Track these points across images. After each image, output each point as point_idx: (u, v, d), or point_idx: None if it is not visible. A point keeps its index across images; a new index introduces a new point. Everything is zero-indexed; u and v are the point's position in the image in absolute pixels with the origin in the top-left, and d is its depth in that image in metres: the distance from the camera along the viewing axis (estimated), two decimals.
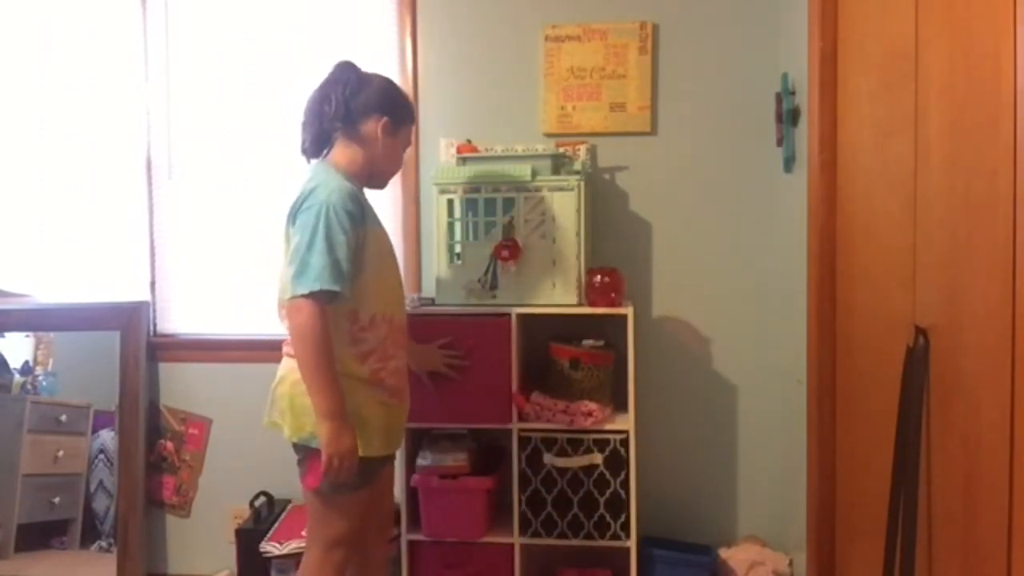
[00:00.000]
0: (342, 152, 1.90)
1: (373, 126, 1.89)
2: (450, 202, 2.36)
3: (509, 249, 2.30)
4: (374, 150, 1.90)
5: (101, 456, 2.75)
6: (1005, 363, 1.26)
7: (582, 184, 2.32)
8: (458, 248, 2.37)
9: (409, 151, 2.67)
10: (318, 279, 1.69)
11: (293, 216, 1.79)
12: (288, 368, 1.85)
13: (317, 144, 1.92)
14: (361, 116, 1.88)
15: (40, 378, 2.81)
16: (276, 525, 2.56)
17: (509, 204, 2.34)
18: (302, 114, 1.93)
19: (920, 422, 1.55)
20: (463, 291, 2.36)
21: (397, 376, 1.91)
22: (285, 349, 1.89)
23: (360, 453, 1.76)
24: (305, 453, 1.84)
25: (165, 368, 2.85)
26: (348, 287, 1.74)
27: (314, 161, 1.93)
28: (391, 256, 1.94)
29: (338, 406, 1.72)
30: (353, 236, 1.75)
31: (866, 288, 1.93)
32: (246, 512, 2.68)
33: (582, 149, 2.58)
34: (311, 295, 1.69)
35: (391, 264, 1.94)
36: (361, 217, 1.79)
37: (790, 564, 2.50)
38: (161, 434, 2.85)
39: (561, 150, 2.51)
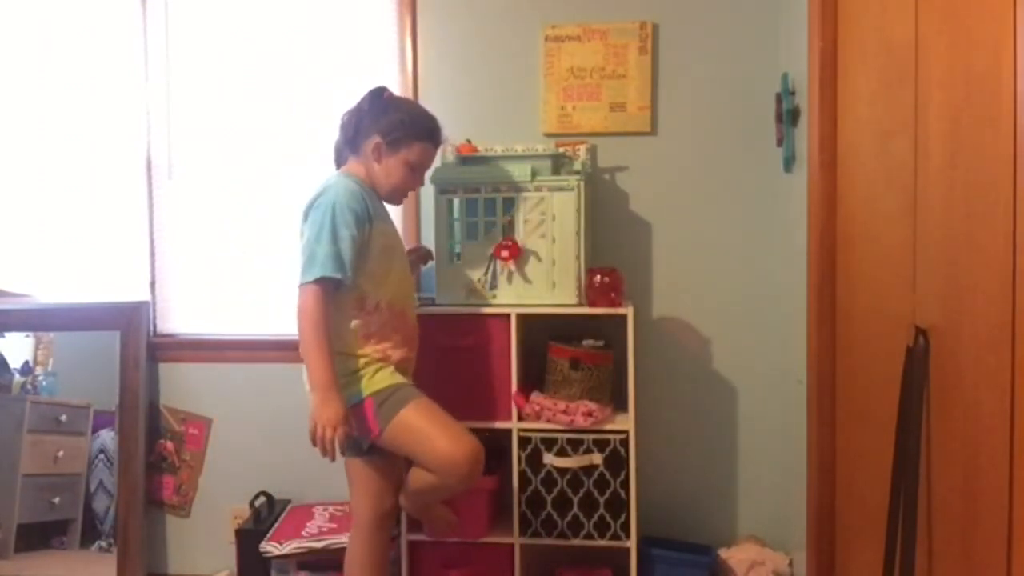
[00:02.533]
0: (352, 166, 2.10)
1: (367, 146, 2.05)
2: (450, 202, 2.36)
3: (509, 249, 2.30)
4: (372, 168, 2.07)
5: (101, 456, 2.75)
6: (1005, 363, 1.26)
7: (582, 184, 2.32)
8: (458, 248, 2.37)
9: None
10: (322, 267, 1.87)
11: (305, 215, 1.97)
12: None
13: (337, 157, 2.15)
14: (363, 137, 2.06)
15: (40, 378, 2.81)
16: (276, 525, 2.56)
17: (509, 204, 2.34)
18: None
19: (920, 422, 1.55)
20: (463, 291, 2.36)
21: (403, 362, 2.05)
22: None
23: (369, 392, 1.95)
24: (352, 413, 1.99)
25: (165, 368, 2.85)
26: (350, 276, 1.91)
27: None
28: (399, 252, 2.12)
29: (328, 379, 1.87)
30: (357, 231, 1.92)
31: (866, 288, 1.93)
32: (246, 512, 2.68)
33: (582, 149, 2.58)
34: (316, 282, 1.88)
35: (400, 259, 2.11)
36: (366, 215, 1.96)
37: (790, 564, 2.50)
38: (161, 434, 2.85)
39: (561, 150, 2.51)
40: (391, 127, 2.04)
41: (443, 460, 1.92)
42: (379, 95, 2.09)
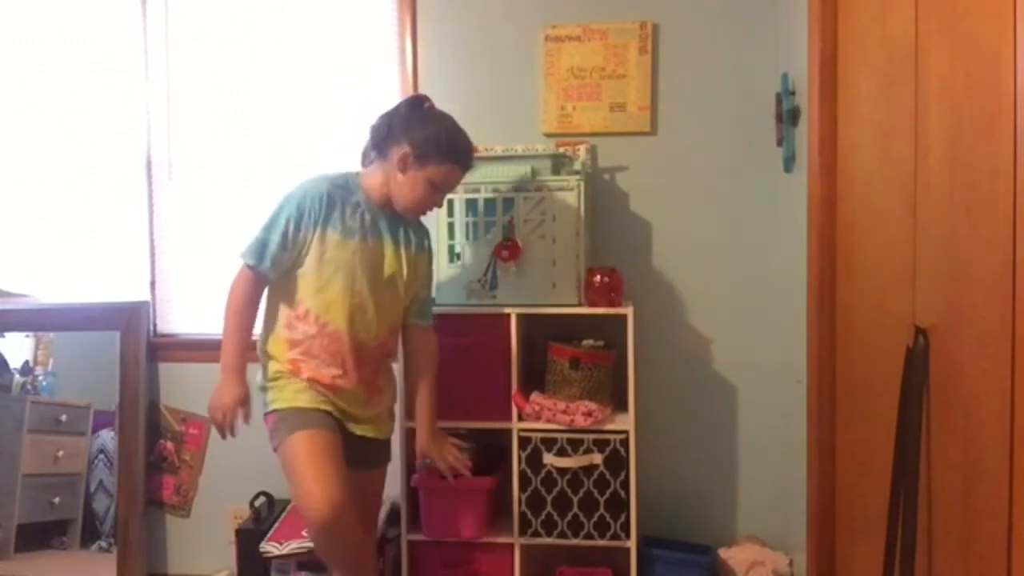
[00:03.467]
0: (373, 169, 2.04)
1: (395, 153, 1.97)
2: (450, 202, 2.36)
3: (509, 249, 2.30)
4: (393, 176, 1.99)
5: (101, 456, 2.75)
6: (1005, 363, 1.25)
7: (582, 184, 2.32)
8: (458, 248, 2.37)
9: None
10: (248, 252, 1.94)
11: None
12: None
13: (364, 158, 2.09)
14: (393, 143, 1.98)
15: (40, 378, 2.81)
16: (276, 525, 2.56)
17: (509, 204, 2.34)
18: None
19: (920, 422, 1.55)
20: (463, 291, 2.36)
21: (321, 378, 1.97)
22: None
23: (272, 407, 1.96)
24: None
25: (165, 368, 2.85)
26: (269, 268, 1.94)
27: None
28: (350, 268, 1.95)
29: (228, 360, 1.96)
30: (294, 228, 1.92)
31: (866, 288, 1.93)
32: (246, 512, 2.68)
33: (582, 149, 2.58)
34: (241, 260, 1.96)
35: (345, 275, 1.95)
36: (314, 217, 1.93)
37: (790, 564, 2.50)
38: (161, 434, 2.85)
39: (561, 150, 2.51)
40: (424, 141, 1.96)
41: (303, 502, 1.87)
42: (419, 104, 2.03)
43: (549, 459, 2.30)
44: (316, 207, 1.92)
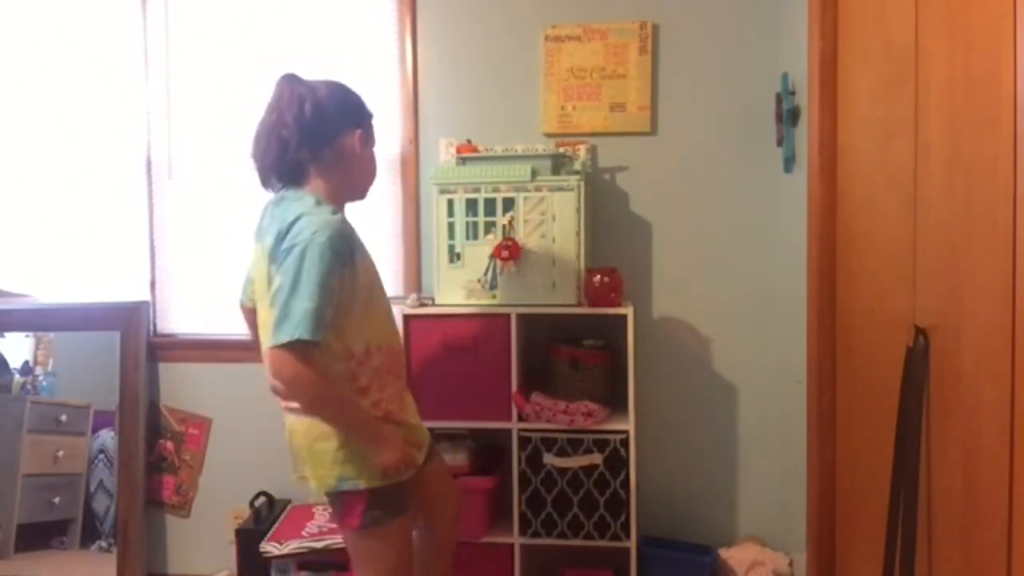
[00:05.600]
0: (319, 177, 1.74)
1: (349, 142, 1.75)
2: (450, 202, 2.36)
3: (509, 249, 2.30)
4: (353, 166, 1.78)
5: (101, 456, 2.75)
6: (1005, 363, 1.26)
7: (582, 184, 2.32)
8: (458, 248, 2.37)
9: (409, 151, 2.70)
10: (299, 327, 1.57)
11: (275, 255, 1.65)
12: (293, 420, 1.77)
13: (288, 174, 1.74)
14: (334, 135, 1.73)
15: (40, 378, 2.81)
16: (276, 525, 2.56)
17: (509, 204, 2.34)
18: (254, 143, 1.75)
19: (920, 422, 1.55)
20: (463, 291, 2.37)
21: (395, 401, 1.82)
22: (283, 404, 1.77)
23: (363, 485, 1.71)
24: (336, 499, 1.76)
25: (165, 368, 2.85)
26: (329, 334, 1.64)
27: (285, 189, 1.76)
28: (379, 283, 1.83)
29: (370, 427, 1.71)
30: (339, 278, 1.63)
31: (866, 288, 1.93)
32: (246, 512, 2.68)
33: (582, 149, 2.58)
34: (291, 344, 1.57)
35: (380, 292, 1.82)
36: (350, 254, 1.66)
37: (790, 564, 2.50)
38: (161, 434, 2.85)
39: (561, 150, 2.51)
40: (359, 112, 1.78)
41: None
42: (302, 81, 1.74)
43: (549, 459, 2.30)
44: (346, 243, 1.65)
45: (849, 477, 2.08)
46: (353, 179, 1.80)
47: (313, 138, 1.71)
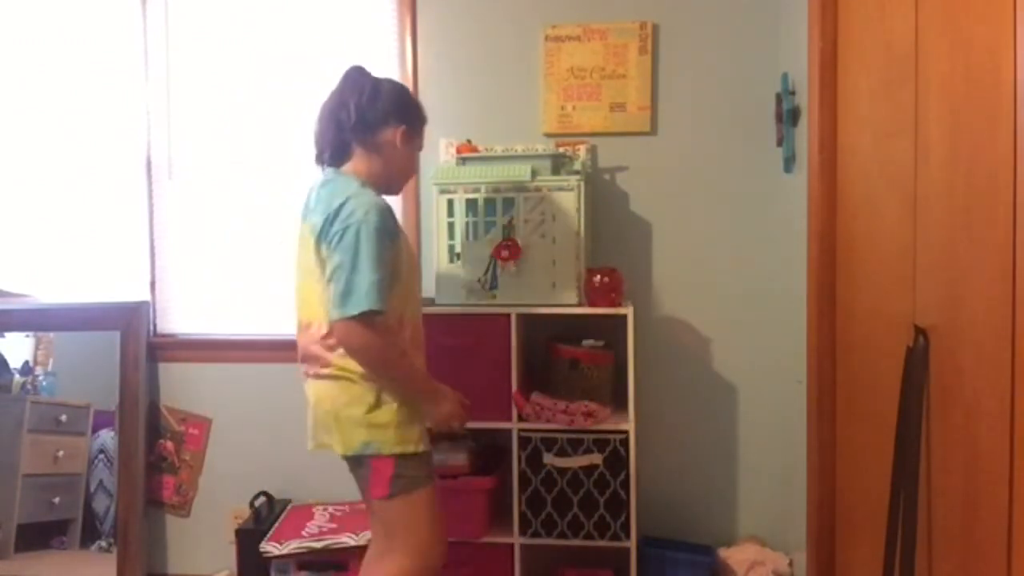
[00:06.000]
0: (361, 161, 1.88)
1: (391, 135, 1.88)
2: (450, 202, 2.36)
3: (509, 249, 2.30)
4: (392, 159, 1.90)
5: (101, 456, 2.75)
6: (1005, 363, 1.26)
7: (582, 184, 2.32)
8: (458, 248, 2.37)
9: None
10: (366, 299, 1.70)
11: (327, 232, 1.75)
12: (320, 388, 1.85)
13: (336, 153, 1.89)
14: (380, 125, 1.87)
15: (40, 378, 2.81)
16: (276, 525, 2.56)
17: (509, 204, 2.34)
18: (316, 122, 1.91)
19: (920, 422, 1.55)
20: (463, 291, 2.37)
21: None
22: (308, 370, 1.87)
23: (387, 451, 1.80)
24: (362, 464, 1.83)
25: (165, 368, 2.85)
26: (387, 304, 1.76)
27: (329, 170, 1.89)
28: (414, 260, 1.98)
29: (428, 385, 1.87)
30: (391, 253, 1.77)
31: (866, 288, 1.93)
32: (246, 512, 2.68)
33: (582, 149, 2.58)
34: (360, 316, 1.70)
35: (415, 267, 1.99)
36: (396, 230, 1.81)
37: (790, 564, 2.50)
38: (161, 434, 2.85)
39: (561, 150, 2.51)
40: (408, 111, 1.92)
41: (422, 549, 1.83)
42: (368, 74, 1.92)
43: (549, 459, 2.30)
44: (392, 219, 1.80)
45: (849, 477, 2.08)
46: (389, 171, 1.91)
47: (361, 122, 1.86)
